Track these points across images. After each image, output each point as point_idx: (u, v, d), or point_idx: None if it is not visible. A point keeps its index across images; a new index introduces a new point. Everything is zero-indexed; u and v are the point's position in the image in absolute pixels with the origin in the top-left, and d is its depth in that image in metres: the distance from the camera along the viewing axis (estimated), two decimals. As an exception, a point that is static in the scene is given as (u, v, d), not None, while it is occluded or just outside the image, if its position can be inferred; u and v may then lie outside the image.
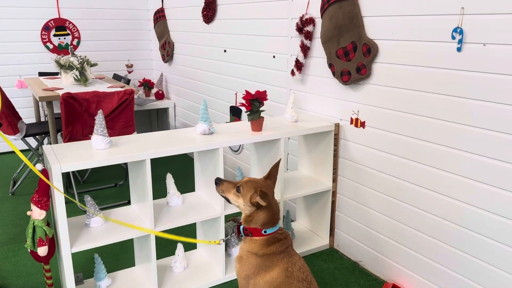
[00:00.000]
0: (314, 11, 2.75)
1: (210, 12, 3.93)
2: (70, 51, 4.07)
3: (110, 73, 5.25)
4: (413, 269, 2.38)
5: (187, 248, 2.86)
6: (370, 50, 2.37)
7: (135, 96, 4.45)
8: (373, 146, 2.50)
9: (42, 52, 4.91)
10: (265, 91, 2.44)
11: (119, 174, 4.24)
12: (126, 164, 3.85)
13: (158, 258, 2.65)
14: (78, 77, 3.92)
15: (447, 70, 2.02)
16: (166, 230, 2.41)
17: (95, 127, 2.16)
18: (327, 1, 2.56)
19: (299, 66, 2.92)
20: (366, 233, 2.65)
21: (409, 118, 2.25)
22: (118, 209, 2.48)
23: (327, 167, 2.79)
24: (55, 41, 4.96)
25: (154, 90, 5.16)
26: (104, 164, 2.05)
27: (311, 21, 2.77)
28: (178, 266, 2.57)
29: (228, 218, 2.67)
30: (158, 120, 5.45)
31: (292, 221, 3.15)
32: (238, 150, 3.88)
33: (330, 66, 2.66)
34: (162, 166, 4.48)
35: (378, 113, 2.43)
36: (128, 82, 4.65)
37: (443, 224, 2.16)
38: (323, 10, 2.62)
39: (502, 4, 1.77)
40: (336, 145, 2.73)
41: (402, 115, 2.29)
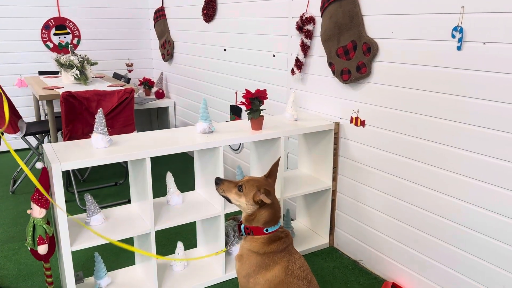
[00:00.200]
0: (314, 10, 2.75)
1: (210, 11, 3.93)
2: (70, 50, 4.07)
3: (110, 72, 5.25)
4: (412, 267, 2.38)
5: (187, 246, 2.86)
6: (370, 49, 2.37)
7: (135, 95, 4.45)
8: (373, 145, 2.50)
9: (42, 51, 4.91)
10: (265, 90, 2.44)
11: (119, 173, 4.24)
12: (126, 162, 3.85)
13: (158, 257, 2.66)
14: (78, 76, 3.93)
15: (447, 68, 2.02)
16: (166, 229, 2.40)
17: (95, 126, 2.17)
18: (327, 0, 2.56)
19: (299, 65, 2.92)
20: (366, 231, 2.65)
21: (409, 117, 2.25)
22: (118, 207, 2.48)
23: (327, 166, 2.79)
24: (55, 40, 4.96)
25: (154, 89, 5.16)
26: (104, 162, 2.05)
27: (311, 20, 2.76)
28: (178, 265, 2.58)
29: (228, 216, 2.67)
30: (158, 119, 5.45)
31: (292, 220, 3.15)
32: (238, 149, 3.88)
33: (330, 65, 2.66)
34: (162, 165, 4.48)
35: (378, 112, 2.43)
36: (128, 81, 4.65)
37: (443, 222, 2.17)
38: (323, 9, 2.62)
39: (502, 2, 1.77)
40: (336, 144, 2.73)
41: (402, 114, 2.29)
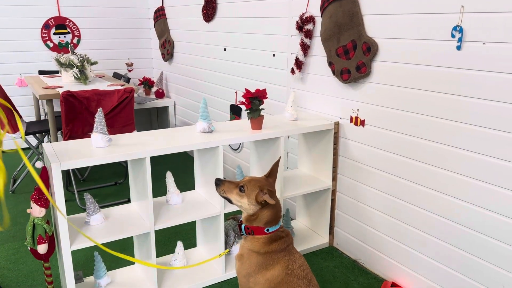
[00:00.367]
0: (314, 10, 2.75)
1: (210, 10, 3.93)
2: (70, 50, 4.07)
3: (110, 71, 5.25)
4: (412, 267, 2.38)
5: (187, 246, 2.86)
6: (370, 49, 2.37)
7: (135, 94, 4.45)
8: (372, 144, 2.50)
9: (42, 50, 4.91)
10: (265, 90, 2.44)
11: (119, 172, 4.25)
12: (126, 162, 3.85)
13: (157, 256, 2.65)
14: (78, 75, 3.93)
15: (447, 68, 2.02)
16: (166, 228, 2.41)
17: (95, 125, 2.16)
18: (327, -1, 2.56)
19: (299, 64, 2.92)
20: (365, 231, 2.65)
21: (409, 116, 2.25)
22: (118, 207, 2.48)
23: (327, 166, 2.79)
24: (55, 39, 4.96)
25: (154, 89, 5.16)
26: (104, 162, 2.05)
27: (311, 19, 2.76)
28: (178, 264, 2.57)
29: (227, 216, 2.67)
30: (158, 118, 5.45)
31: (291, 219, 3.15)
32: (238, 149, 3.88)
33: (330, 64, 2.66)
34: (162, 164, 4.48)
35: (378, 111, 2.43)
36: (128, 80, 4.65)
37: (443, 222, 2.17)
38: (323, 9, 2.62)
39: (501, 2, 1.77)
40: (335, 143, 2.73)
41: (402, 114, 2.29)
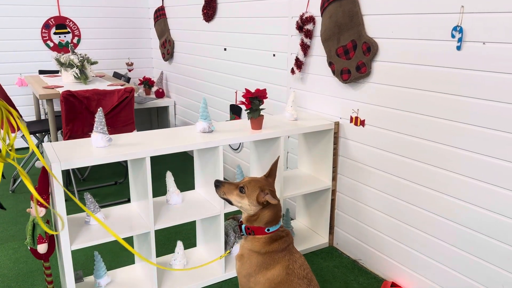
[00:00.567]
0: (314, 10, 2.75)
1: (210, 10, 3.93)
2: (70, 49, 4.07)
3: (111, 71, 5.25)
4: (412, 267, 2.38)
5: (187, 246, 2.86)
6: (370, 49, 2.37)
7: (135, 94, 4.45)
8: (372, 144, 2.50)
9: (42, 50, 4.91)
10: (265, 90, 2.44)
11: (119, 172, 4.25)
12: (126, 162, 3.86)
13: (157, 256, 2.65)
14: (78, 75, 3.93)
15: (447, 68, 2.02)
16: (166, 228, 2.41)
17: (95, 125, 2.16)
18: (327, -1, 2.56)
19: (299, 64, 2.92)
20: (365, 231, 2.65)
21: (408, 116, 2.25)
22: (118, 207, 2.48)
23: (327, 166, 2.79)
24: (56, 39, 4.96)
25: (154, 89, 5.16)
26: (104, 162, 2.05)
27: (311, 19, 2.76)
28: (178, 264, 2.58)
29: (227, 216, 2.67)
30: (158, 118, 5.45)
31: (291, 219, 3.15)
32: (238, 149, 3.88)
33: (330, 64, 2.66)
34: (162, 164, 4.49)
35: (378, 111, 2.43)
36: (128, 80, 4.65)
37: (442, 222, 2.17)
38: (323, 9, 2.62)
39: (502, 2, 1.77)
40: (335, 143, 2.73)
41: (402, 114, 2.29)
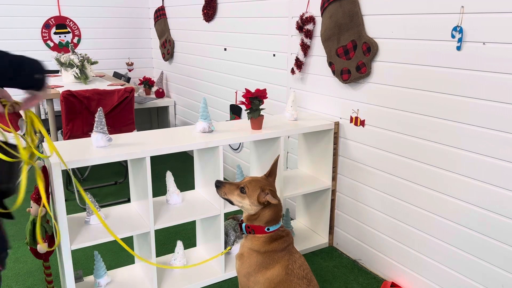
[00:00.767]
0: (314, 10, 2.75)
1: (210, 10, 3.93)
2: (70, 49, 4.07)
3: (111, 71, 5.25)
4: (412, 267, 2.39)
5: (187, 245, 2.86)
6: (370, 49, 2.37)
7: (135, 94, 4.46)
8: (372, 144, 2.50)
9: (42, 50, 4.91)
10: (265, 90, 2.44)
11: (119, 172, 4.25)
12: (126, 161, 3.85)
13: (157, 256, 2.65)
14: (79, 75, 3.93)
15: (447, 68, 2.02)
16: (166, 228, 2.41)
17: (95, 125, 2.17)
18: (327, -1, 2.56)
19: (299, 64, 2.92)
20: (365, 231, 2.65)
21: (408, 116, 2.26)
22: (118, 206, 2.48)
23: (327, 166, 2.79)
24: (56, 39, 4.96)
25: (154, 88, 5.16)
26: (104, 161, 2.05)
27: (311, 19, 2.77)
28: (178, 264, 2.57)
29: (227, 216, 2.67)
30: (158, 118, 5.45)
31: (291, 219, 3.15)
32: (238, 149, 3.88)
33: (330, 64, 2.66)
34: (161, 164, 4.48)
35: (378, 111, 2.43)
36: (128, 80, 4.66)
37: (442, 222, 2.17)
38: (323, 9, 2.62)
39: (501, 3, 1.77)
40: (335, 143, 2.73)
41: (402, 114, 2.29)
